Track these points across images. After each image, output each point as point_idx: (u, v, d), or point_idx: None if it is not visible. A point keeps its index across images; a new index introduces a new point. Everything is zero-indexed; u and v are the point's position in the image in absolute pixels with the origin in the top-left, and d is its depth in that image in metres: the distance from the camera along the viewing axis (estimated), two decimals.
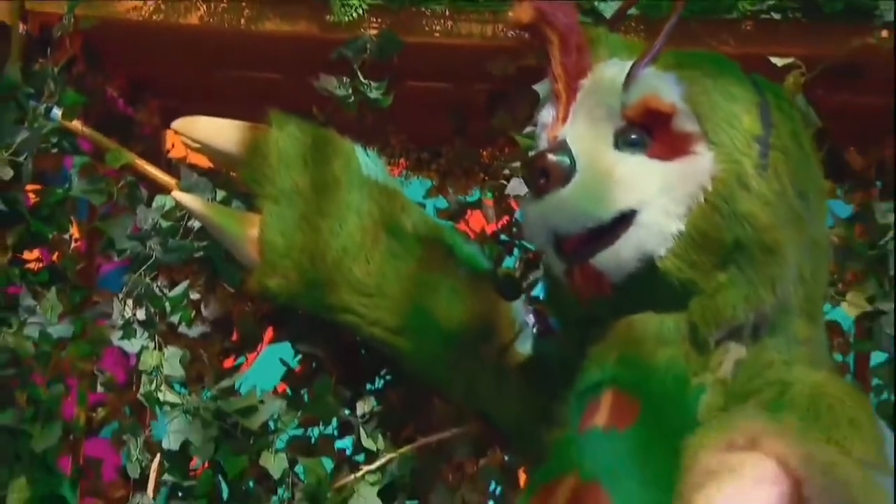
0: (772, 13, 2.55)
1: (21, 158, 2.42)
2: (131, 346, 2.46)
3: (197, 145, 2.47)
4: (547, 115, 2.10)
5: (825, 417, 1.73)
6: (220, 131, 2.44)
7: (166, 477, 2.47)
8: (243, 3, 2.63)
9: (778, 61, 2.37)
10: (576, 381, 2.02)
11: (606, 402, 1.89)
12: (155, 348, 2.47)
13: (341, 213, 2.36)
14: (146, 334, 2.48)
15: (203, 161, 2.64)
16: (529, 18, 2.06)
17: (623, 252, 1.87)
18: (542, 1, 2.11)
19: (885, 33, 2.60)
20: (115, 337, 2.47)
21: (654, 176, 1.88)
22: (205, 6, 2.60)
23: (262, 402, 2.45)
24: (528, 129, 2.47)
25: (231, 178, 2.50)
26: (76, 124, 2.55)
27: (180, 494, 2.48)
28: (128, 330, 2.47)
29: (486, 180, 2.97)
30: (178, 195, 2.47)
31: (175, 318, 2.49)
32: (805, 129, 2.07)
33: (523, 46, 2.44)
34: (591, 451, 1.86)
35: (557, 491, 1.81)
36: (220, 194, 2.50)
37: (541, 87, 2.35)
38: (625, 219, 1.86)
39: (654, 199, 1.88)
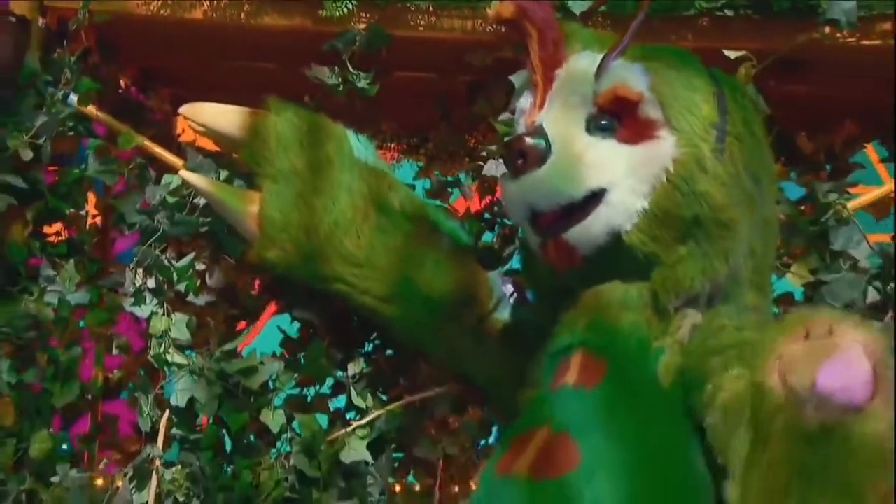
0: (725, 10, 2.61)
1: (40, 141, 2.48)
2: (142, 312, 2.51)
3: (202, 129, 2.51)
4: (525, 102, 2.18)
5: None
6: (223, 116, 2.49)
7: (175, 431, 2.51)
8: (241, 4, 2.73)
9: (731, 54, 2.43)
10: (548, 344, 2.11)
11: (576, 363, 1.98)
12: (163, 314, 2.51)
13: (334, 192, 2.41)
14: (156, 301, 2.52)
15: (209, 144, 2.67)
16: (511, 14, 2.15)
17: (593, 227, 1.96)
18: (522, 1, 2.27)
19: (827, 29, 2.64)
20: (128, 304, 2.51)
21: (621, 158, 1.97)
22: (208, 2, 2.65)
23: (261, 363, 2.50)
24: (505, 116, 2.53)
25: (233, 159, 2.54)
26: (91, 110, 2.61)
27: (188, 447, 2.52)
28: (139, 297, 2.51)
29: (469, 162, 3.01)
30: (185, 174, 2.52)
31: (182, 287, 2.54)
32: (757, 117, 2.17)
33: (501, 40, 2.52)
34: (562, 407, 1.95)
35: (530, 441, 1.91)
36: (224, 174, 2.56)
37: (517, 78, 2.40)
38: (595, 197, 1.95)
39: (622, 180, 1.97)
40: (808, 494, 1.57)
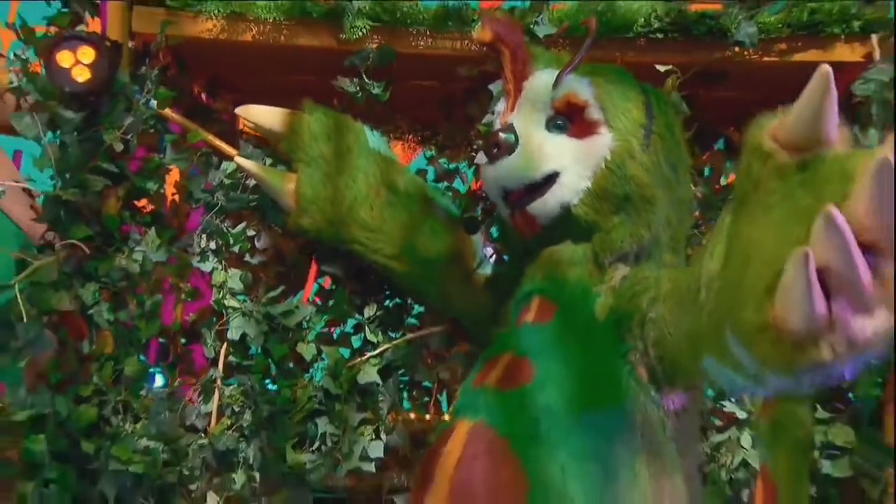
0: (657, 33, 2.78)
1: (129, 136, 2.67)
2: (206, 267, 2.73)
3: (253, 125, 2.78)
4: (500, 105, 2.47)
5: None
6: (269, 115, 2.72)
7: (232, 358, 2.73)
8: (283, 25, 2.82)
9: (661, 67, 2.64)
10: (516, 293, 2.42)
11: (535, 305, 2.29)
12: (222, 270, 2.73)
13: (353, 174, 2.64)
14: (216, 260, 2.74)
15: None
16: (489, 38, 2.44)
17: (549, 202, 2.26)
18: (498, 24, 2.49)
19: (736, 48, 2.85)
20: (195, 261, 2.73)
21: (571, 149, 2.25)
22: (256, 27, 2.80)
23: (297, 307, 2.73)
24: (487, 117, 2.70)
25: (276, 149, 2.76)
26: (167, 111, 2.78)
27: (242, 370, 2.74)
28: (203, 257, 2.73)
29: (470, 152, 3.12)
30: (239, 160, 2.73)
31: (236, 249, 2.75)
32: (677, 120, 2.42)
33: (483, 56, 2.68)
34: (523, 338, 2.26)
35: (499, 363, 2.21)
36: (269, 161, 2.79)
37: (495, 87, 2.63)
38: (550, 179, 2.25)
39: (571, 166, 2.25)
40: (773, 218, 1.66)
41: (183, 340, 2.86)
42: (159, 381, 2.97)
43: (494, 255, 2.81)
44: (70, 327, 2.65)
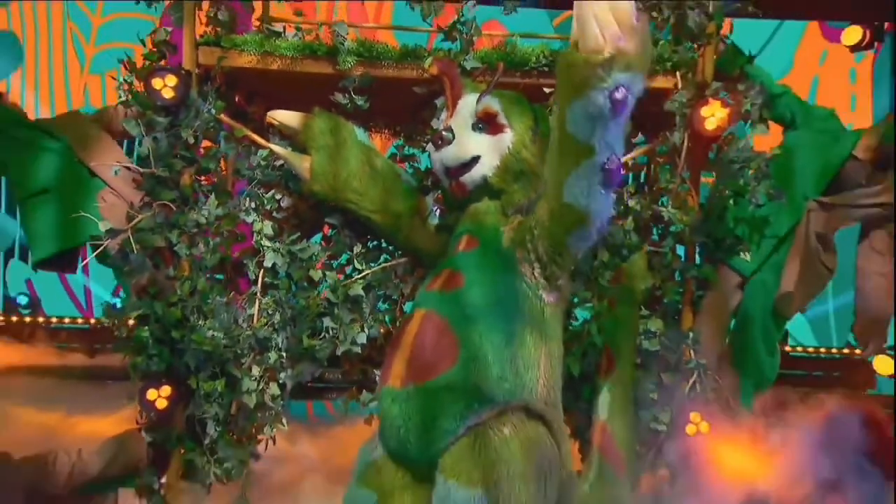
0: (544, 67, 2.91)
1: (197, 133, 2.89)
2: (249, 219, 2.91)
3: (279, 124, 2.86)
4: (443, 114, 2.74)
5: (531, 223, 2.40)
6: (291, 117, 2.84)
7: (267, 279, 2.93)
8: (297, 59, 2.96)
9: (547, 90, 2.80)
10: (453, 233, 2.70)
11: (465, 240, 2.61)
12: (260, 221, 2.92)
13: (347, 157, 2.78)
14: (256, 214, 2.91)
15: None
16: (437, 72, 2.77)
17: (474, 175, 2.58)
18: (442, 62, 2.79)
19: None
20: (241, 215, 2.91)
21: (487, 142, 2.57)
22: (279, 60, 2.95)
23: (309, 246, 2.94)
24: (435, 122, 2.87)
25: (295, 140, 2.87)
26: (222, 116, 2.92)
27: (273, 288, 2.92)
28: (247, 212, 2.92)
29: (423, 143, 3.20)
30: (273, 147, 2.87)
31: (269, 207, 2.93)
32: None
33: (432, 81, 2.85)
34: (458, 261, 2.57)
35: (441, 276, 2.55)
36: (290, 147, 2.86)
37: (439, 101, 2.85)
38: (475, 160, 2.56)
39: (487, 152, 2.56)
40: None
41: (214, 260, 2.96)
42: None
43: (440, 211, 2.94)
44: (162, 258, 2.91)
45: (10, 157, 3.49)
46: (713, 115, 2.77)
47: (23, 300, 6.31)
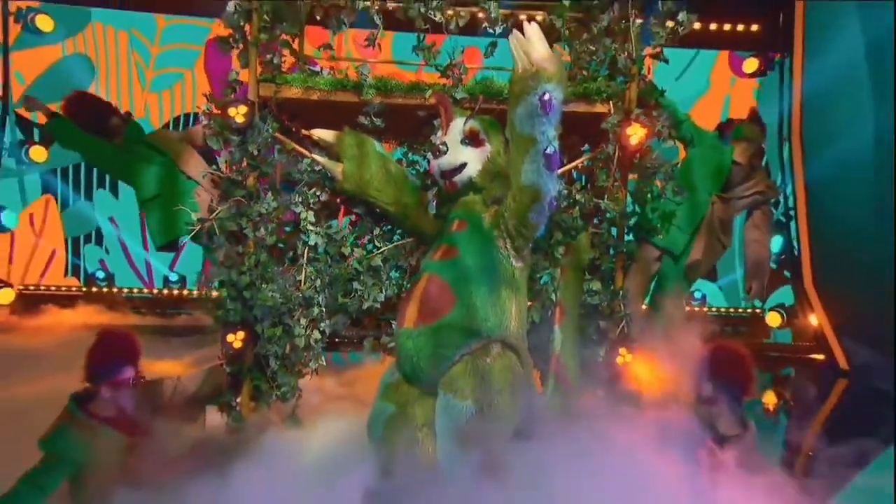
0: None
1: (260, 147, 2.99)
2: (297, 210, 3.04)
3: (318, 139, 2.99)
4: (439, 132, 2.87)
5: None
6: (327, 134, 2.97)
7: (310, 254, 3.04)
8: (332, 91, 3.05)
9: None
10: (447, 218, 2.87)
11: (456, 223, 2.79)
12: (305, 211, 3.05)
13: (369, 163, 2.93)
14: (302, 207, 3.04)
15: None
16: (435, 101, 2.94)
17: (463, 177, 2.79)
18: (438, 95, 2.93)
19: None
20: (292, 206, 3.03)
21: (472, 153, 2.79)
22: (318, 92, 3.05)
23: (340, 230, 3.11)
24: (433, 137, 2.94)
25: (330, 151, 2.98)
26: (277, 134, 3.03)
27: (314, 260, 3.04)
28: (295, 204, 3.04)
29: (424, 153, 3.18)
30: (315, 156, 2.99)
31: (311, 201, 3.04)
32: None
33: (431, 107, 2.98)
34: (453, 237, 2.75)
35: (440, 249, 2.74)
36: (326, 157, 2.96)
37: (436, 122, 2.94)
38: (463, 166, 2.77)
39: (472, 159, 2.78)
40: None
41: (272, 241, 3.01)
42: None
43: (436, 202, 3.00)
44: (235, 239, 3.01)
45: (133, 168, 3.94)
46: (635, 133, 2.99)
47: (100, 275, 6.58)
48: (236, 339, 2.95)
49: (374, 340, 3.17)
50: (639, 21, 3.02)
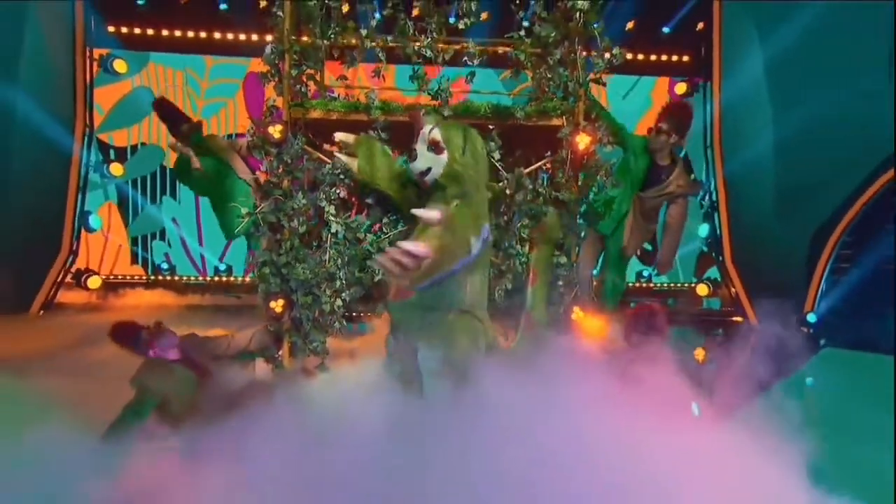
0: (488, 115, 3.10)
1: (293, 156, 3.06)
2: (322, 204, 3.07)
3: (339, 140, 2.94)
4: (415, 141, 2.70)
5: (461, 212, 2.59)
6: (347, 136, 2.93)
7: (332, 239, 3.04)
8: (346, 112, 3.12)
9: (490, 126, 3.06)
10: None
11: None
12: (328, 205, 3.09)
13: (378, 162, 2.91)
14: (325, 202, 3.09)
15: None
16: (410, 119, 2.83)
17: (429, 178, 2.65)
18: (411, 112, 2.88)
19: (517, 121, 3.12)
20: (319, 203, 3.04)
21: (434, 158, 2.64)
22: (336, 113, 3.13)
23: (356, 218, 3.14)
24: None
25: (348, 151, 2.95)
26: (305, 146, 3.09)
27: (335, 241, 3.07)
28: (319, 200, 3.07)
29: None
30: (337, 155, 2.99)
31: (333, 197, 3.09)
32: (479, 144, 2.71)
33: (413, 120, 2.81)
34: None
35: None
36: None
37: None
38: (429, 170, 2.64)
39: (436, 164, 2.63)
40: None
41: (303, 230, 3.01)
42: None
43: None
44: (274, 229, 3.08)
45: (205, 181, 4.14)
46: (582, 140, 3.15)
47: (164, 266, 6.71)
48: (277, 305, 3.04)
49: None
50: (584, 54, 3.16)
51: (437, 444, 2.03)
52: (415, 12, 3.10)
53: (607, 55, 3.17)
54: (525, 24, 3.17)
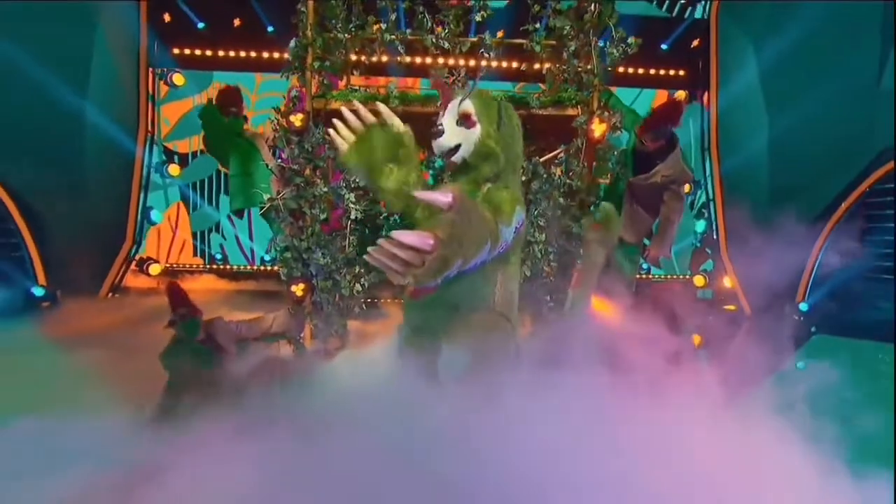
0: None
1: (314, 145, 2.77)
2: (342, 193, 2.78)
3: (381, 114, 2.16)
4: (441, 115, 2.10)
5: (493, 196, 1.93)
6: (390, 116, 2.10)
7: (354, 226, 2.80)
8: (367, 103, 2.40)
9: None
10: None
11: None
12: (349, 193, 2.78)
13: (375, 167, 2.07)
14: (346, 190, 2.79)
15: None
16: (435, 86, 2.45)
17: (458, 156, 2.04)
18: (436, 77, 2.47)
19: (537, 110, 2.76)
20: (339, 191, 2.77)
21: (465, 133, 2.02)
22: (347, 105, 2.56)
23: (374, 206, 2.78)
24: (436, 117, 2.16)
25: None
26: (326, 135, 2.67)
27: (353, 223, 2.80)
28: (340, 188, 2.79)
29: None
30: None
31: (353, 185, 2.79)
32: (516, 119, 2.11)
33: (437, 87, 2.44)
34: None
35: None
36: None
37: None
38: (458, 147, 2.03)
39: (466, 140, 2.02)
40: None
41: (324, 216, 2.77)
42: None
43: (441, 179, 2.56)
44: (295, 216, 2.82)
45: (231, 152, 3.88)
46: (598, 128, 2.75)
47: (218, 256, 6.49)
48: (298, 289, 2.75)
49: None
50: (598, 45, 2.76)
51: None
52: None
53: (621, 46, 2.74)
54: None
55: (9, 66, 3.91)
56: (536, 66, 2.87)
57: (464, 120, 2.05)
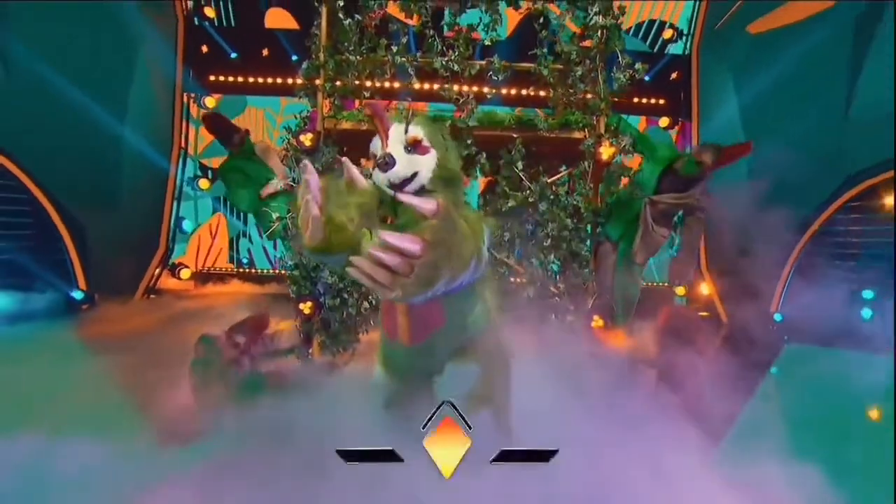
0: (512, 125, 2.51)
1: (323, 160, 2.53)
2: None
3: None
4: (376, 144, 1.72)
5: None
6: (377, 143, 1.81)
7: None
8: (362, 125, 2.57)
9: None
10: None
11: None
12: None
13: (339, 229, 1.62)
14: None
15: None
16: (370, 112, 2.05)
17: (413, 186, 1.65)
18: (371, 104, 1.89)
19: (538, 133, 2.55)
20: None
21: (421, 160, 1.67)
22: (364, 125, 2.58)
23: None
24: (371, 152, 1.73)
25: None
26: (336, 156, 2.56)
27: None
28: None
29: None
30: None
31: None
32: (455, 145, 1.78)
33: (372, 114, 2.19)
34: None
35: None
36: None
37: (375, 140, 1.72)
38: (412, 176, 1.65)
39: (423, 167, 1.66)
40: None
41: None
42: None
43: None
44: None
45: (246, 168, 3.60)
46: (607, 151, 2.48)
47: (245, 261, 6.13)
48: (306, 307, 2.46)
49: None
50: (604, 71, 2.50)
51: None
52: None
53: (629, 71, 2.46)
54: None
55: (56, 92, 3.87)
56: (542, 93, 2.65)
57: (414, 147, 1.70)
